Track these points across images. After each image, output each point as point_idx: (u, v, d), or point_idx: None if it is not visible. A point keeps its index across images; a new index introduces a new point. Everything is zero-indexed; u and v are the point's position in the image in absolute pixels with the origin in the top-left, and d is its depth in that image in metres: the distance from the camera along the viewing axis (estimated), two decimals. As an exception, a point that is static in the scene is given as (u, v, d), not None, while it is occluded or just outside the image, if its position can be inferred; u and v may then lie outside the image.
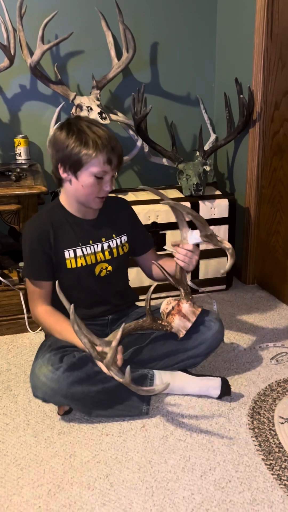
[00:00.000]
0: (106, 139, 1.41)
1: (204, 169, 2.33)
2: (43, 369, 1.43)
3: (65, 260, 1.55)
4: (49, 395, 1.44)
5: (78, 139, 1.41)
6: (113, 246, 1.61)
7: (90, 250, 1.58)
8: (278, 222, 2.26)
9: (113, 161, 1.44)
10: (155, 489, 1.28)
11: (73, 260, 1.56)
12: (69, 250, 1.55)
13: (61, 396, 1.44)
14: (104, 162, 1.42)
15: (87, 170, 1.43)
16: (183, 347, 1.60)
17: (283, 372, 1.77)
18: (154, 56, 2.51)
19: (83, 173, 1.44)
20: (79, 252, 1.56)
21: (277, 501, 1.23)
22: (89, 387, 1.45)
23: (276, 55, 2.13)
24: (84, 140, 1.40)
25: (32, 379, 1.46)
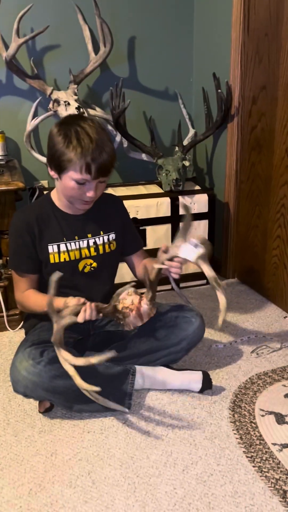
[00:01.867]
0: (88, 147, 1.36)
1: (184, 164, 2.33)
2: (24, 363, 1.42)
3: (49, 255, 1.55)
4: (30, 389, 1.42)
5: (62, 142, 1.38)
6: (99, 243, 1.60)
7: (74, 246, 1.57)
8: (257, 216, 2.28)
9: (93, 171, 1.38)
10: (138, 485, 1.28)
11: (56, 255, 1.55)
12: (53, 245, 1.55)
13: (42, 390, 1.42)
14: (82, 170, 1.38)
15: (68, 174, 1.41)
16: (165, 343, 1.61)
17: (263, 365, 1.78)
18: (132, 51, 2.49)
19: (65, 176, 1.42)
20: (63, 247, 1.56)
21: (258, 493, 1.25)
22: (71, 380, 1.43)
23: (253, 50, 2.14)
24: (66, 144, 1.37)
25: (12, 373, 1.44)
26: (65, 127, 1.40)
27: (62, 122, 1.45)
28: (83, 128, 1.39)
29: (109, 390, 1.51)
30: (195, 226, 2.35)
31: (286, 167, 2.03)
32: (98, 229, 1.60)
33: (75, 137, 1.37)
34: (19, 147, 2.42)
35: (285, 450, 1.37)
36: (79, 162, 1.37)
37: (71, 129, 1.39)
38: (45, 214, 1.55)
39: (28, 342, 1.50)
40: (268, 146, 2.13)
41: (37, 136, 2.43)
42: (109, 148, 1.41)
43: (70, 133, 1.38)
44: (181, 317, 1.62)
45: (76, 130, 1.38)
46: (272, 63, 2.03)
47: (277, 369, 1.76)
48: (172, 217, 2.30)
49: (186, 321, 1.60)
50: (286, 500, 1.22)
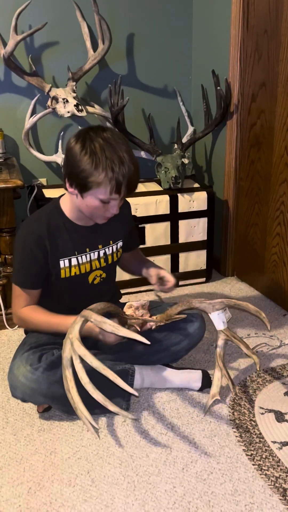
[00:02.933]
0: (118, 167, 1.27)
1: (183, 161, 2.32)
2: (21, 369, 1.40)
3: (60, 270, 1.48)
4: (28, 395, 1.41)
5: (89, 161, 1.27)
6: (109, 253, 1.56)
7: (85, 259, 1.51)
8: (256, 214, 2.27)
9: (122, 191, 1.31)
10: (137, 483, 1.27)
11: (68, 269, 1.49)
12: (64, 260, 1.47)
13: (41, 396, 1.41)
14: (112, 192, 1.30)
15: (93, 195, 1.32)
16: (165, 343, 1.60)
17: (263, 363, 1.78)
18: (131, 48, 2.48)
19: (89, 195, 1.33)
20: (74, 261, 1.49)
21: (258, 491, 1.24)
22: None
23: (252, 46, 2.13)
24: (95, 165, 1.26)
25: (10, 379, 1.43)
26: (89, 143, 1.28)
27: (84, 136, 1.31)
28: (110, 144, 1.28)
29: (108, 390, 1.51)
30: (194, 224, 2.35)
31: (285, 164, 2.03)
32: (108, 238, 1.55)
33: (104, 156, 1.26)
34: (18, 144, 2.41)
35: (284, 448, 1.37)
36: (110, 184, 1.28)
37: (96, 145, 1.28)
38: (55, 226, 1.45)
39: (26, 346, 1.49)
40: (267, 143, 2.12)
41: (36, 134, 2.42)
42: (136, 162, 1.32)
43: (96, 149, 1.27)
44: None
45: (99, 149, 1.27)
46: (272, 60, 2.02)
47: (276, 367, 1.75)
48: (171, 215, 2.29)
49: (187, 321, 1.59)
50: (286, 498, 1.22)
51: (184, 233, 2.34)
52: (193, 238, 2.37)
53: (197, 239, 2.37)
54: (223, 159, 2.42)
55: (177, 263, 2.38)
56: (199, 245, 2.39)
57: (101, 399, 1.22)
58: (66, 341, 1.27)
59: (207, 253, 2.42)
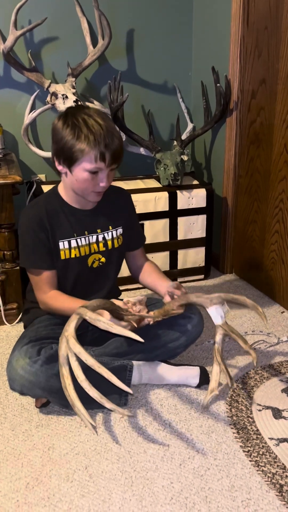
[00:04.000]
0: (100, 135, 1.34)
1: (182, 158, 2.32)
2: (20, 361, 1.41)
3: (59, 251, 1.53)
4: (27, 388, 1.42)
5: (71, 133, 1.35)
6: (108, 238, 1.59)
7: (84, 241, 1.55)
8: (255, 211, 2.28)
9: (107, 158, 1.36)
10: (135, 479, 1.28)
11: (67, 251, 1.53)
12: (64, 241, 1.52)
13: (39, 389, 1.42)
14: (96, 158, 1.36)
15: (80, 166, 1.38)
16: (163, 339, 1.60)
17: (261, 360, 1.78)
18: (130, 44, 2.47)
19: (77, 168, 1.39)
20: (73, 243, 1.53)
21: (255, 487, 1.25)
22: None
23: (253, 43, 2.12)
24: (77, 135, 1.34)
25: (9, 371, 1.44)
26: (71, 118, 1.37)
27: (66, 114, 1.40)
28: (89, 116, 1.37)
29: (106, 386, 1.51)
30: (193, 221, 2.35)
31: (284, 162, 2.03)
32: (106, 223, 1.58)
33: (85, 125, 1.34)
34: (17, 140, 2.41)
35: (282, 444, 1.38)
36: (93, 151, 1.34)
37: (78, 118, 1.36)
38: (54, 210, 1.51)
39: (25, 339, 1.49)
40: (267, 140, 2.12)
41: (35, 130, 2.42)
42: (118, 133, 1.40)
43: (77, 122, 1.35)
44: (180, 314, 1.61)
45: (83, 119, 1.35)
46: (272, 56, 2.01)
47: (274, 364, 1.76)
48: (170, 212, 2.29)
49: (185, 317, 1.60)
50: (282, 494, 1.22)
51: (183, 230, 2.34)
52: (192, 235, 2.37)
53: (196, 236, 2.38)
54: (222, 156, 2.42)
55: (175, 260, 2.39)
56: (198, 242, 2.39)
57: (97, 397, 1.23)
58: (62, 339, 1.28)
59: (205, 250, 2.42)
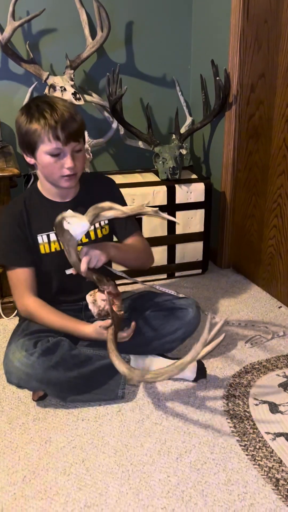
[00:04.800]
0: (51, 114, 1.35)
1: (181, 152, 2.31)
2: (17, 354, 1.41)
3: (38, 245, 1.52)
4: (24, 381, 1.42)
5: (25, 119, 1.38)
6: (91, 228, 1.57)
7: None
8: (254, 206, 2.27)
9: (61, 136, 1.35)
10: (131, 472, 1.28)
11: (47, 245, 1.52)
12: (42, 235, 1.52)
13: (36, 381, 1.42)
14: (49, 138, 1.36)
15: (40, 149, 1.39)
16: (160, 333, 1.60)
17: (258, 355, 1.79)
18: (129, 36, 2.45)
19: (38, 153, 1.40)
20: (52, 236, 1.52)
21: (251, 481, 1.25)
22: (65, 371, 1.43)
23: (253, 36, 2.11)
24: (29, 119, 1.37)
25: (6, 364, 1.44)
26: (26, 107, 1.41)
27: (24, 106, 1.45)
28: (43, 101, 1.39)
29: (103, 379, 1.51)
30: (191, 215, 2.34)
31: (283, 156, 2.02)
32: None
33: (36, 109, 1.37)
34: (14, 133, 2.38)
35: (278, 439, 1.38)
36: (45, 130, 1.35)
37: (31, 106, 1.39)
38: (33, 205, 1.52)
39: (21, 332, 1.49)
40: (266, 135, 2.11)
41: (33, 122, 2.40)
42: (73, 111, 1.39)
43: (30, 109, 1.38)
44: (177, 306, 1.61)
45: (37, 105, 1.38)
46: (272, 50, 2.00)
47: (271, 358, 1.76)
48: (168, 206, 2.28)
49: (182, 310, 1.60)
50: (278, 488, 1.23)
51: (181, 224, 2.34)
52: (190, 230, 2.36)
53: (194, 231, 2.37)
54: (221, 150, 2.41)
55: (173, 255, 2.38)
56: (196, 236, 2.39)
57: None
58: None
59: (203, 245, 2.42)
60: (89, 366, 1.48)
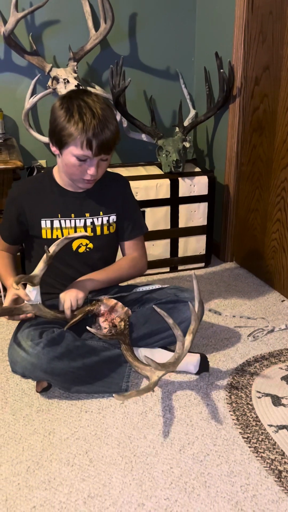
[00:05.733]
0: (90, 122, 1.33)
1: (184, 145, 2.30)
2: (22, 343, 1.41)
3: (41, 229, 1.54)
4: (29, 370, 1.42)
5: (64, 115, 1.35)
6: (98, 223, 1.57)
7: (69, 224, 1.54)
8: (257, 199, 2.26)
9: (94, 147, 1.35)
10: (134, 464, 1.29)
11: (49, 230, 1.53)
12: (46, 220, 1.53)
13: (41, 371, 1.42)
14: (83, 145, 1.35)
15: (68, 150, 1.38)
16: (163, 326, 1.60)
17: (260, 348, 1.79)
18: (133, 28, 2.44)
19: (65, 151, 1.39)
20: (56, 223, 1.53)
21: (254, 473, 1.26)
22: (70, 362, 1.44)
23: (257, 28, 2.09)
24: (68, 118, 1.34)
25: (11, 354, 1.44)
26: (68, 101, 1.37)
27: (65, 96, 1.41)
28: (87, 102, 1.36)
29: (107, 372, 1.52)
30: (194, 209, 2.34)
31: (287, 150, 2.01)
32: (97, 209, 1.57)
33: (77, 111, 1.34)
34: (17, 125, 2.39)
35: (281, 431, 1.39)
36: (80, 137, 1.34)
37: (74, 103, 1.36)
38: (41, 188, 1.53)
39: (27, 322, 1.50)
40: (270, 128, 2.10)
41: (36, 115, 2.40)
42: (112, 125, 1.38)
43: (72, 107, 1.35)
44: (180, 300, 1.61)
45: (79, 104, 1.35)
46: (276, 42, 1.99)
47: (274, 351, 1.76)
48: (171, 199, 2.28)
49: (185, 304, 1.60)
50: (281, 480, 1.24)
51: (184, 217, 2.33)
52: (193, 223, 2.36)
53: (197, 224, 2.37)
54: (224, 143, 2.40)
55: (176, 248, 2.38)
56: (199, 230, 2.39)
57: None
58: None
59: (206, 238, 2.42)
60: (93, 357, 1.49)
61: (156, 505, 1.17)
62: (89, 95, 1.40)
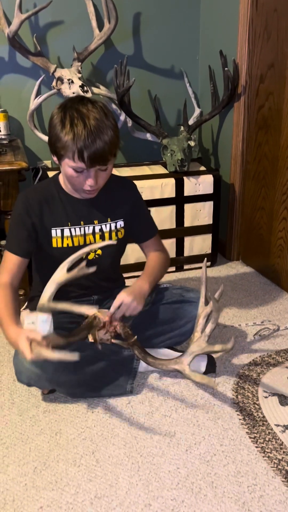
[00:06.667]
0: (80, 134, 1.28)
1: (189, 144, 2.29)
2: None
3: (51, 238, 1.50)
4: (34, 380, 1.42)
5: (58, 126, 1.31)
6: (106, 230, 1.54)
7: (79, 232, 1.51)
8: (263, 198, 2.25)
9: (85, 158, 1.30)
10: (141, 464, 1.29)
11: (60, 239, 1.50)
12: (56, 229, 1.49)
13: (46, 381, 1.42)
14: (75, 157, 1.30)
15: (65, 161, 1.34)
16: (170, 326, 1.60)
17: (267, 347, 1.78)
18: (137, 27, 2.43)
19: (63, 162, 1.36)
20: (66, 232, 1.50)
21: (260, 473, 1.26)
22: (76, 371, 1.43)
23: (262, 26, 2.08)
24: (61, 129, 1.30)
25: (15, 364, 1.43)
26: (63, 110, 1.33)
27: (62, 105, 1.37)
28: (80, 112, 1.31)
29: (114, 376, 1.52)
30: (200, 208, 2.33)
31: (293, 147, 2.00)
32: (105, 215, 1.54)
33: (69, 122, 1.29)
34: (22, 126, 2.39)
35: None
36: (71, 149, 1.29)
37: (67, 113, 1.32)
38: (50, 197, 1.49)
39: None
40: (275, 126, 2.09)
41: (41, 115, 2.40)
42: (106, 135, 1.31)
43: (65, 117, 1.31)
44: (186, 299, 1.61)
45: (71, 115, 1.30)
46: (281, 39, 1.97)
47: (280, 351, 1.76)
48: (176, 198, 2.27)
49: (191, 304, 1.59)
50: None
51: (190, 217, 2.33)
52: (198, 222, 2.36)
53: (202, 223, 2.36)
54: (230, 142, 2.39)
55: (182, 247, 2.38)
56: (204, 229, 2.38)
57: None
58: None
59: (212, 237, 2.41)
60: (99, 363, 1.48)
61: (162, 505, 1.17)
62: (85, 104, 1.34)
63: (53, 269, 1.52)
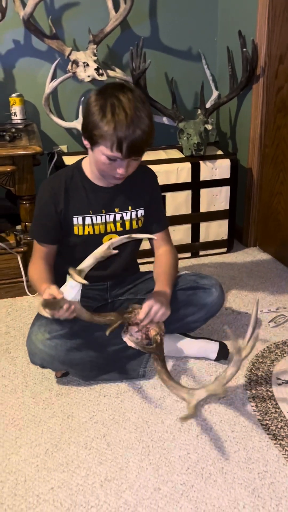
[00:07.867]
0: (122, 124, 1.26)
1: (206, 127, 2.25)
2: (39, 336, 1.42)
3: (73, 226, 1.49)
4: (47, 362, 1.43)
5: (97, 113, 1.28)
6: (127, 218, 1.53)
7: (100, 220, 1.51)
8: (281, 182, 2.21)
9: (124, 149, 1.29)
10: (152, 448, 1.29)
11: (81, 227, 1.49)
12: (78, 217, 1.49)
13: (59, 362, 1.43)
14: (113, 147, 1.29)
15: (99, 148, 1.33)
16: (183, 313, 1.58)
17: (282, 334, 1.76)
18: (154, 8, 2.38)
19: (96, 149, 1.34)
20: (88, 220, 1.50)
21: (272, 460, 1.25)
22: (88, 352, 1.44)
23: (281, 5, 2.01)
24: (100, 117, 1.27)
25: (29, 345, 1.45)
26: (103, 97, 1.30)
27: (101, 91, 1.33)
28: (121, 101, 1.28)
29: (125, 359, 1.52)
30: (216, 193, 2.30)
31: (312, 130, 1.94)
32: (126, 204, 1.52)
33: (110, 111, 1.27)
34: (38, 110, 2.38)
35: (301, 419, 1.36)
36: (111, 138, 1.28)
37: (107, 101, 1.28)
38: (73, 184, 1.48)
39: None
40: (294, 108, 2.04)
41: (56, 99, 2.39)
42: (145, 125, 1.29)
43: (106, 105, 1.28)
44: (200, 286, 1.59)
45: (112, 103, 1.28)
46: (302, 18, 1.91)
47: (296, 338, 1.73)
48: (192, 183, 2.24)
49: (206, 291, 1.57)
50: (299, 468, 1.22)
51: (206, 202, 2.30)
52: (215, 207, 2.32)
53: (219, 208, 2.33)
54: (248, 125, 2.34)
55: (198, 233, 2.35)
56: (221, 214, 2.35)
57: None
58: None
59: (229, 223, 2.38)
60: (112, 346, 1.49)
61: (172, 489, 1.18)
62: (124, 92, 1.30)
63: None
